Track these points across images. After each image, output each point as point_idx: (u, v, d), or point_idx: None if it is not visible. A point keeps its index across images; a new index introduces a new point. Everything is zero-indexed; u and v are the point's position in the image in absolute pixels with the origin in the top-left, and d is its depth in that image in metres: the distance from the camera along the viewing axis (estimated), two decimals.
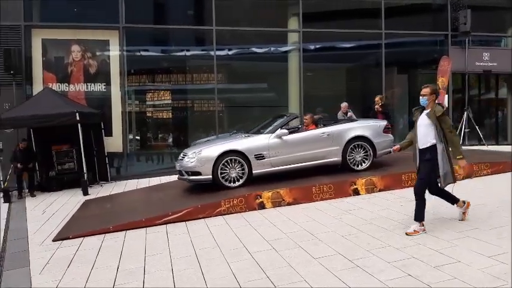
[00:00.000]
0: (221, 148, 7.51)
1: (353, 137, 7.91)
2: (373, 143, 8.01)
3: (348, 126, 8.13)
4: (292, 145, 7.71)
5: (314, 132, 8.00)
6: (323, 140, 7.83)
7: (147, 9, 12.54)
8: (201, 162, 7.43)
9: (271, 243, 5.07)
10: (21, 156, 9.61)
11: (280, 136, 7.68)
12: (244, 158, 7.48)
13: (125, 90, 11.55)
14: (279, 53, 13.23)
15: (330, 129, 7.97)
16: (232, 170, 7.47)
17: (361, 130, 8.03)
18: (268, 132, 7.84)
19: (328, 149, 7.82)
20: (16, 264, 5.38)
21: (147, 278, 4.42)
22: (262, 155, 7.57)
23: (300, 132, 8.13)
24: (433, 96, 4.94)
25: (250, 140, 7.73)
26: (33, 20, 11.21)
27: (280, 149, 7.64)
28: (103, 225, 6.45)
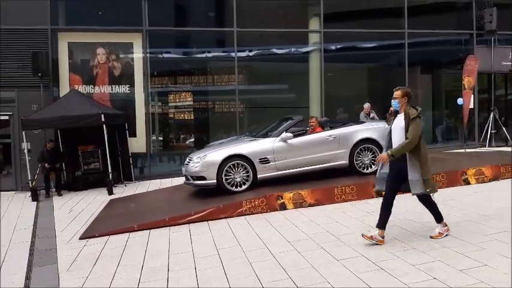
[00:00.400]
0: (225, 153, 7.46)
1: (360, 140, 7.77)
2: (381, 145, 7.78)
3: (355, 128, 7.97)
4: (297, 148, 7.61)
5: (320, 135, 7.87)
6: (329, 143, 7.69)
7: (169, 11, 12.73)
8: (206, 167, 7.41)
9: (293, 244, 5.08)
10: (48, 157, 9.91)
11: (285, 139, 7.60)
12: (249, 162, 7.42)
13: (148, 91, 11.75)
14: (299, 54, 13.19)
15: (337, 131, 7.84)
16: (237, 175, 7.42)
17: (368, 132, 7.86)
18: (273, 136, 7.78)
19: (334, 152, 7.70)
20: (45, 261, 5.56)
21: (171, 276, 4.50)
22: (267, 159, 7.50)
23: (306, 135, 8.03)
24: (405, 99, 4.70)
25: (254, 144, 7.69)
26: (59, 24, 11.53)
27: (285, 153, 7.56)
28: (128, 224, 6.60)
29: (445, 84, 14.74)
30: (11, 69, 10.99)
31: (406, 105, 4.71)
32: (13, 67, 10.99)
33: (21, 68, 10.88)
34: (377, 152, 7.79)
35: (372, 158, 7.85)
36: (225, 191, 7.35)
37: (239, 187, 7.42)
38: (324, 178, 7.64)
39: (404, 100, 4.71)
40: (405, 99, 4.71)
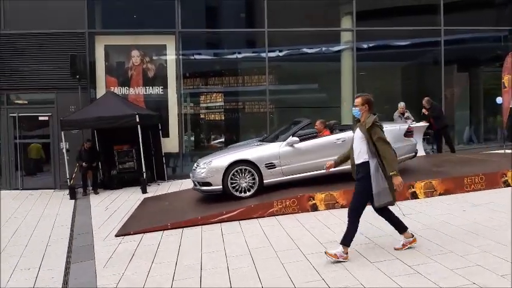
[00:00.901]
0: (231, 158, 7.36)
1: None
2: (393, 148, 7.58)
3: None
4: (304, 153, 7.39)
5: (327, 138, 7.62)
6: (338, 147, 7.25)
7: (201, 14, 12.92)
8: (211, 172, 7.33)
9: (325, 245, 5.02)
10: (86, 156, 10.26)
11: (291, 144, 7.41)
12: (255, 167, 7.29)
13: (181, 93, 11.97)
14: (330, 53, 13.07)
15: (345, 134, 7.49)
16: (243, 180, 7.30)
17: None
18: (279, 140, 7.65)
19: None
20: (82, 257, 5.75)
21: (204, 274, 4.56)
22: (273, 164, 7.33)
23: (313, 139, 7.71)
24: (366, 107, 4.51)
25: (260, 149, 7.55)
26: (96, 27, 11.94)
27: (291, 158, 7.36)
28: (161, 222, 6.73)
29: (483, 82, 14.20)
30: (50, 72, 11.48)
31: (367, 112, 4.53)
32: (52, 70, 11.47)
33: (60, 71, 11.34)
34: None
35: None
36: (231, 196, 7.24)
37: (245, 193, 7.30)
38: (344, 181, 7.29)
39: (365, 108, 4.53)
40: (366, 107, 4.53)
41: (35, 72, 11.52)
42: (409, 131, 7.84)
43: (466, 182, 7.08)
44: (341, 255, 4.47)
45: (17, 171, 11.80)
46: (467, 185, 7.06)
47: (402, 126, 7.90)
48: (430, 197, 6.92)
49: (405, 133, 7.75)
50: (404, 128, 7.83)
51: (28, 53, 11.51)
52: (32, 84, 11.58)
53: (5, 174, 11.83)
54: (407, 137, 7.76)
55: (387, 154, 4.39)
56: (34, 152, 12.37)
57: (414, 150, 7.92)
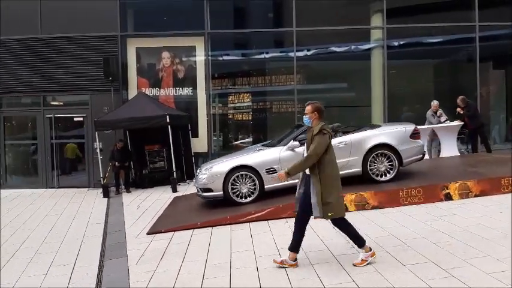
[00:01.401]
0: (231, 164, 7.34)
1: (374, 146, 7.27)
2: (398, 151, 7.33)
3: (369, 133, 7.46)
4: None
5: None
6: (340, 150, 7.07)
7: (229, 14, 13.01)
8: (212, 178, 7.32)
9: (356, 248, 4.95)
10: (118, 156, 10.53)
11: (292, 148, 7.30)
12: (255, 172, 7.25)
13: (210, 93, 12.10)
14: (360, 51, 12.87)
15: (348, 138, 7.40)
16: (243, 186, 7.27)
17: (383, 137, 7.35)
18: (280, 145, 7.59)
19: (346, 159, 7.23)
20: (115, 255, 5.89)
21: (234, 273, 4.59)
22: (274, 168, 7.24)
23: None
24: (315, 115, 4.44)
25: (261, 154, 7.49)
26: (128, 30, 12.25)
27: (293, 162, 7.29)
28: (191, 221, 6.83)
29: None
30: (85, 74, 11.89)
31: (317, 120, 4.45)
32: (87, 72, 11.87)
33: (93, 73, 11.73)
34: (394, 158, 7.31)
35: (389, 164, 7.34)
36: (232, 202, 7.22)
37: (245, 198, 7.27)
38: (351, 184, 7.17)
39: (314, 116, 4.45)
40: (315, 114, 4.45)
41: (70, 74, 11.96)
42: (415, 132, 7.62)
43: (503, 183, 6.81)
44: (287, 262, 4.52)
45: (53, 171, 12.26)
46: (504, 186, 6.78)
47: (408, 127, 7.65)
48: (465, 199, 6.70)
49: (411, 135, 7.53)
50: (410, 129, 7.59)
51: (64, 56, 11.96)
52: (67, 86, 12.02)
53: (41, 173, 12.32)
54: (413, 139, 7.54)
55: (306, 160, 4.35)
56: (70, 152, 12.83)
57: (421, 152, 7.71)
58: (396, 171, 7.33)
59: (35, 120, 12.41)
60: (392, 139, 7.34)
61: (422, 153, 7.74)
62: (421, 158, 7.70)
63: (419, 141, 7.66)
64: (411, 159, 7.49)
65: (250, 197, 7.30)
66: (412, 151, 7.46)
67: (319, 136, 4.31)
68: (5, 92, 12.29)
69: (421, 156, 7.70)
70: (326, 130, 4.33)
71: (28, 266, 5.52)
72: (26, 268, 5.46)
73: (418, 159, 7.65)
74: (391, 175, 7.32)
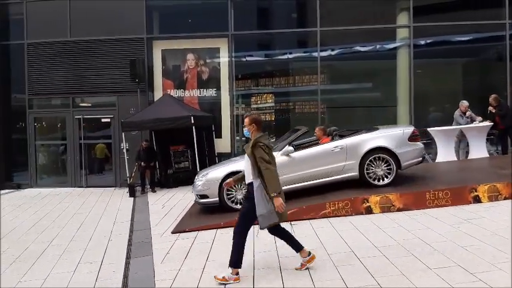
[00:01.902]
0: (226, 170, 7.33)
1: (371, 149, 7.13)
2: (396, 154, 7.14)
3: (365, 137, 7.30)
4: (300, 162, 7.19)
5: (324, 146, 7.35)
6: (335, 155, 7.16)
7: (253, 15, 13.07)
8: (207, 185, 7.33)
9: (381, 250, 4.89)
10: (144, 156, 10.75)
11: (286, 154, 7.21)
12: None
13: (233, 94, 12.19)
14: (385, 51, 12.68)
15: (343, 142, 7.27)
16: (238, 192, 7.22)
17: (379, 140, 7.19)
18: (275, 150, 7.37)
19: (342, 163, 7.16)
20: (141, 253, 6.01)
21: (257, 274, 4.60)
22: None
23: (311, 147, 7.50)
24: (253, 126, 4.43)
25: None
26: (154, 32, 12.48)
27: (287, 167, 7.06)
28: (215, 220, 6.88)
29: None
30: (112, 76, 12.21)
31: (256, 132, 4.43)
32: (114, 74, 12.20)
33: (120, 75, 12.03)
34: (391, 162, 7.14)
35: (387, 168, 7.18)
36: (228, 209, 7.19)
37: (241, 204, 7.16)
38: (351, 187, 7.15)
39: (253, 127, 4.44)
40: (253, 126, 4.43)
41: (98, 76, 12.30)
42: (414, 135, 7.43)
43: None
44: (230, 278, 4.44)
45: (81, 170, 12.61)
46: None
47: (406, 130, 7.48)
48: (495, 201, 6.51)
49: (410, 137, 7.35)
50: (408, 131, 7.41)
51: (92, 58, 12.31)
52: (95, 88, 12.36)
53: (70, 173, 12.69)
54: (412, 141, 7.34)
55: (267, 174, 4.27)
56: (99, 152, 13.17)
57: (421, 155, 7.53)
58: (394, 175, 7.19)
59: (64, 121, 12.80)
60: (389, 142, 7.19)
61: (422, 156, 7.55)
62: (420, 161, 7.53)
63: (418, 144, 7.48)
64: (410, 162, 7.33)
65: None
66: (411, 154, 7.28)
67: (255, 149, 4.33)
68: (36, 94, 12.75)
69: (421, 159, 7.52)
70: (261, 142, 4.34)
71: (57, 263, 5.69)
72: (56, 265, 5.64)
73: (417, 162, 7.51)
74: (389, 179, 7.17)
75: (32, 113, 12.81)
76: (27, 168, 12.79)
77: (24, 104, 12.77)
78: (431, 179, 7.70)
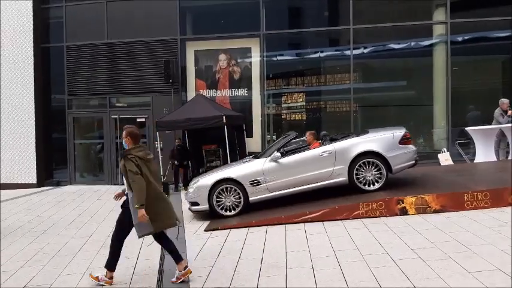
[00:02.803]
0: (215, 177, 7.45)
1: (359, 154, 7.04)
2: (386, 158, 6.97)
3: (354, 141, 7.24)
4: (289, 168, 7.22)
5: (313, 152, 7.35)
6: (324, 160, 7.13)
7: (284, 15, 13.06)
8: (197, 192, 7.47)
9: (416, 252, 4.78)
10: (177, 155, 10.97)
11: (275, 159, 7.28)
12: (239, 185, 7.27)
13: (264, 93, 12.23)
14: (420, 48, 12.34)
15: (331, 146, 7.23)
16: (227, 199, 7.35)
17: (368, 144, 7.10)
18: (264, 156, 7.52)
19: (330, 168, 7.12)
20: None
21: (289, 273, 4.60)
22: (258, 180, 7.25)
23: (300, 152, 7.52)
24: (129, 139, 4.59)
25: (245, 166, 7.51)
26: (187, 33, 12.69)
27: (276, 173, 7.22)
28: (247, 219, 6.95)
29: None
30: (147, 77, 12.53)
31: (132, 144, 4.48)
32: (148, 75, 12.51)
33: (155, 76, 12.32)
34: (382, 166, 6.99)
35: (377, 173, 7.08)
36: (218, 215, 7.34)
37: (230, 211, 7.35)
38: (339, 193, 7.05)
39: (128, 140, 4.54)
40: (129, 139, 4.53)
41: (134, 77, 12.65)
42: (405, 138, 7.25)
43: None
44: (102, 279, 4.71)
45: (117, 168, 12.98)
46: None
47: (397, 133, 7.28)
48: None
49: (400, 140, 7.18)
50: (399, 134, 7.23)
51: (128, 60, 12.68)
52: (131, 89, 12.72)
53: (106, 171, 13.10)
54: (403, 144, 7.18)
55: (133, 186, 4.44)
56: None
57: (413, 158, 7.33)
58: (385, 179, 7.06)
59: (101, 120, 13.23)
60: (379, 146, 7.08)
61: (415, 159, 7.40)
62: (413, 164, 7.37)
63: (410, 147, 7.31)
64: (401, 166, 7.19)
65: (235, 210, 7.36)
66: (403, 157, 7.15)
67: (125, 161, 4.48)
68: (74, 94, 13.24)
69: (413, 162, 7.36)
70: (131, 154, 4.47)
71: (95, 258, 5.89)
72: (94, 260, 5.84)
73: (409, 166, 7.35)
74: (380, 184, 7.08)
75: (71, 113, 13.32)
76: (67, 166, 13.31)
77: (64, 104, 13.30)
78: (470, 180, 7.47)
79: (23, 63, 13.00)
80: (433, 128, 12.02)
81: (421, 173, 8.40)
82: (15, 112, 13.06)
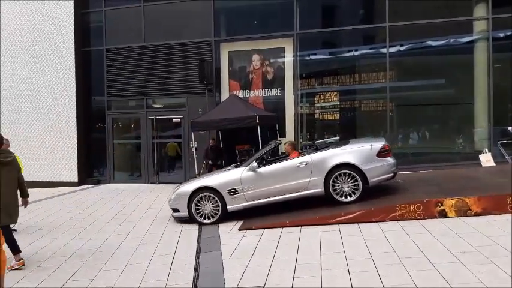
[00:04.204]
0: (195, 185, 7.61)
1: (336, 165, 7.01)
2: (363, 171, 6.88)
3: (331, 153, 7.22)
4: (266, 177, 7.29)
5: (290, 162, 7.36)
6: (300, 170, 7.15)
7: (318, 14, 12.95)
8: (178, 199, 7.67)
9: (457, 256, 4.64)
10: (211, 154, 11.14)
11: (252, 169, 7.36)
12: (218, 193, 7.39)
13: (297, 93, 12.19)
14: (459, 44, 11.91)
15: (308, 157, 7.24)
16: (206, 206, 7.48)
17: (345, 156, 7.06)
18: (243, 166, 7.59)
19: (307, 179, 7.13)
20: (210, 248, 6.21)
21: (324, 274, 4.58)
22: (236, 189, 7.36)
23: (278, 162, 7.56)
24: None
25: (223, 175, 7.64)
26: (221, 35, 12.85)
27: (253, 183, 7.31)
28: (281, 219, 6.95)
29: None
30: (182, 79, 12.80)
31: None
32: (184, 76, 12.77)
33: (190, 77, 12.57)
34: (358, 178, 6.87)
35: (354, 185, 7.00)
36: (197, 223, 7.49)
37: (209, 219, 7.48)
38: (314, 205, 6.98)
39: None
40: None
41: (170, 79, 12.95)
42: (384, 150, 7.08)
43: None
44: (15, 263, 5.51)
45: (154, 167, 13.33)
46: None
47: (375, 145, 7.16)
48: None
49: (378, 153, 7.04)
50: (377, 147, 7.10)
51: (164, 62, 12.99)
52: (167, 90, 13.03)
53: (144, 170, 13.47)
54: (381, 157, 7.06)
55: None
56: (170, 150, 13.84)
57: (391, 171, 7.17)
58: (360, 192, 6.97)
59: (138, 121, 13.61)
60: (355, 158, 7.01)
61: (393, 172, 7.25)
62: (391, 176, 7.23)
63: (388, 160, 7.16)
64: (378, 178, 7.08)
65: (214, 217, 7.48)
66: (379, 170, 7.07)
67: None
68: (114, 96, 13.69)
69: (391, 175, 7.22)
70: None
71: (134, 255, 6.08)
72: (132, 256, 6.02)
73: (387, 179, 7.21)
74: (356, 196, 6.99)
75: (110, 114, 13.78)
76: (106, 165, 13.79)
77: (103, 106, 13.78)
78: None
79: (65, 66, 13.58)
80: (473, 128, 11.58)
81: (460, 175, 8.13)
82: (58, 114, 13.65)
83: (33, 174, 13.06)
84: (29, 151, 13.51)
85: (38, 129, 13.78)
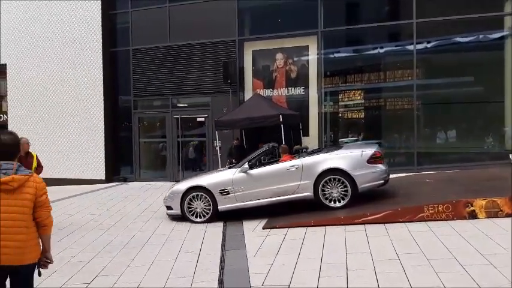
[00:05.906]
0: (188, 184, 7.83)
1: (325, 170, 7.04)
2: (352, 176, 6.88)
3: (322, 157, 7.32)
4: (257, 179, 7.44)
5: (281, 165, 7.51)
6: (291, 174, 7.24)
7: (342, 11, 12.82)
8: (172, 197, 7.88)
9: (487, 258, 4.53)
10: (235, 153, 11.22)
11: (244, 171, 7.51)
12: (209, 193, 7.55)
13: (321, 92, 12.12)
14: (489, 41, 11.57)
15: (299, 161, 7.34)
16: (198, 205, 7.65)
17: (335, 161, 7.10)
18: (236, 167, 7.76)
19: (297, 183, 7.22)
20: (235, 246, 6.26)
21: (350, 274, 4.55)
22: (227, 190, 7.52)
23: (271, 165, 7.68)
24: None
25: (216, 175, 7.86)
26: (244, 34, 12.90)
27: (244, 184, 7.47)
28: (305, 218, 6.95)
29: None
30: (206, 78, 12.93)
31: None
32: (208, 76, 12.89)
33: (214, 76, 12.67)
34: (347, 184, 6.80)
35: (343, 190, 7.02)
36: (189, 221, 7.68)
37: (200, 218, 7.65)
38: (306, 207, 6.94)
39: None
40: None
41: (194, 78, 13.10)
42: (375, 157, 6.98)
43: None
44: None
45: (178, 165, 13.51)
46: None
47: (366, 151, 7.09)
48: None
49: (369, 159, 6.96)
50: (367, 153, 7.05)
51: (188, 61, 13.16)
52: (191, 89, 13.18)
53: (168, 168, 13.68)
54: (371, 163, 6.98)
55: None
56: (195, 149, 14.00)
57: (382, 178, 7.08)
58: (349, 197, 6.91)
59: (163, 120, 13.83)
60: (345, 164, 6.98)
61: (384, 179, 7.16)
62: (382, 183, 7.15)
63: (379, 166, 7.09)
64: (368, 185, 7.02)
65: (205, 216, 7.66)
66: (369, 176, 7.06)
67: None
68: (139, 95, 13.96)
69: (382, 182, 7.13)
70: None
71: (160, 252, 6.19)
72: (159, 252, 6.13)
73: (377, 185, 7.14)
74: (345, 201, 6.95)
75: (136, 113, 14.04)
76: (132, 163, 14.07)
77: (130, 105, 14.06)
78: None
79: (92, 66, 13.91)
80: (504, 127, 11.23)
81: (490, 175, 7.92)
82: (86, 113, 14.00)
83: (61, 172, 13.46)
84: (57, 149, 13.91)
85: (66, 128, 14.15)
